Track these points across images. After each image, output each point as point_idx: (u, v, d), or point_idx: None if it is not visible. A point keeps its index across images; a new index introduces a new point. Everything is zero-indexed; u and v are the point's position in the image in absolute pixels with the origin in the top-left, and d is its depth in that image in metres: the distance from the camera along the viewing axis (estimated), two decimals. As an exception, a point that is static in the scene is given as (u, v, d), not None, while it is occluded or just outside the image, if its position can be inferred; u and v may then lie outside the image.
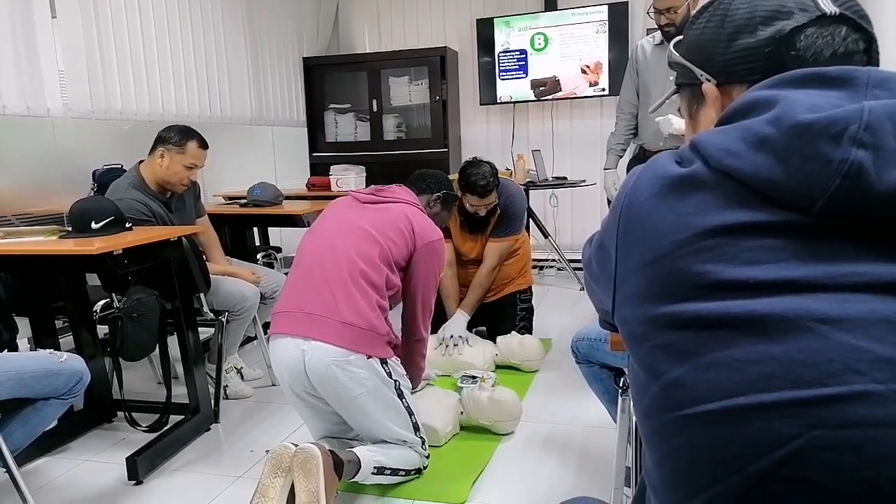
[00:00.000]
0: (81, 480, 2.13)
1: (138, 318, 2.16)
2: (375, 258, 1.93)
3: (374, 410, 1.90)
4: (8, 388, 1.64)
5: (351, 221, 2.02)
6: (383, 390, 1.90)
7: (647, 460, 0.68)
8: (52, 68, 3.00)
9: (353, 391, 1.84)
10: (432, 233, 2.08)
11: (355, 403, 1.88)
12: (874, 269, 0.58)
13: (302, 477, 1.63)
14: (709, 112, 0.77)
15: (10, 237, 2.22)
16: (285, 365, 1.89)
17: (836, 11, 0.69)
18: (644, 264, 0.66)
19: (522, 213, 3.20)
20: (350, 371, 1.82)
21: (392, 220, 2.02)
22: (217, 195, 3.99)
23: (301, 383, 1.89)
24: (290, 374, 1.89)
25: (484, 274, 3.09)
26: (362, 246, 1.94)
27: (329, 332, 1.83)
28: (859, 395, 0.54)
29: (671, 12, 2.85)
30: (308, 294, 1.90)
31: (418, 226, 2.04)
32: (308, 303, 1.88)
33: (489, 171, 2.88)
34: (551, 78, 5.07)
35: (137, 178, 2.62)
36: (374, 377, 1.86)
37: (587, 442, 2.25)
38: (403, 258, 2.01)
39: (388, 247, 1.96)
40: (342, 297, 1.86)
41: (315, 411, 1.98)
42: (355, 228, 1.98)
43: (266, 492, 1.63)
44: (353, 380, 1.83)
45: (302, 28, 5.22)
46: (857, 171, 0.57)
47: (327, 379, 1.83)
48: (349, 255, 1.91)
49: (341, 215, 2.07)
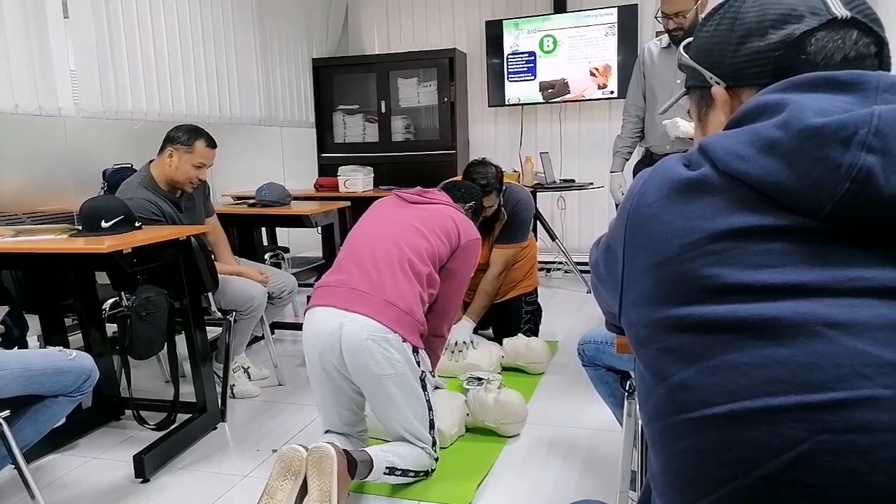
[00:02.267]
0: (89, 477, 2.14)
1: (147, 316, 2.18)
2: (423, 253, 2.00)
3: (399, 395, 1.90)
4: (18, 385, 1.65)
5: (401, 217, 2.10)
6: (410, 377, 1.91)
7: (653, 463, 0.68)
8: (63, 68, 3.03)
9: (384, 369, 1.85)
10: (473, 231, 2.18)
11: (383, 384, 1.87)
12: (882, 274, 0.58)
13: (316, 476, 1.63)
14: (718, 115, 0.77)
15: (22, 235, 2.24)
16: (320, 334, 1.88)
17: (847, 15, 0.68)
18: (651, 267, 0.66)
19: (529, 220, 3.18)
20: (385, 349, 1.84)
21: (439, 219, 2.11)
22: (226, 195, 4.01)
23: (332, 356, 1.88)
24: (323, 344, 1.87)
25: (489, 280, 3.08)
26: (412, 239, 2.01)
27: (371, 307, 1.86)
28: (866, 399, 0.54)
29: (680, 17, 2.85)
30: (354, 272, 1.95)
31: (462, 225, 2.14)
32: (353, 280, 1.93)
33: (492, 173, 2.88)
34: (560, 80, 5.07)
35: (147, 178, 2.64)
36: (405, 362, 1.88)
37: (593, 445, 2.24)
38: (446, 255, 2.08)
39: (436, 244, 2.04)
40: (389, 278, 1.91)
41: (335, 392, 1.97)
42: (405, 224, 2.06)
43: (274, 493, 1.63)
44: (387, 358, 1.84)
45: (311, 29, 5.24)
46: (866, 175, 0.57)
47: (361, 353, 1.83)
48: (399, 245, 1.98)
49: (390, 211, 2.15)
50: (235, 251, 3.17)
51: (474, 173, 2.83)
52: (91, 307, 2.49)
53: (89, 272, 2.49)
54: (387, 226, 2.06)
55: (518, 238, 3.12)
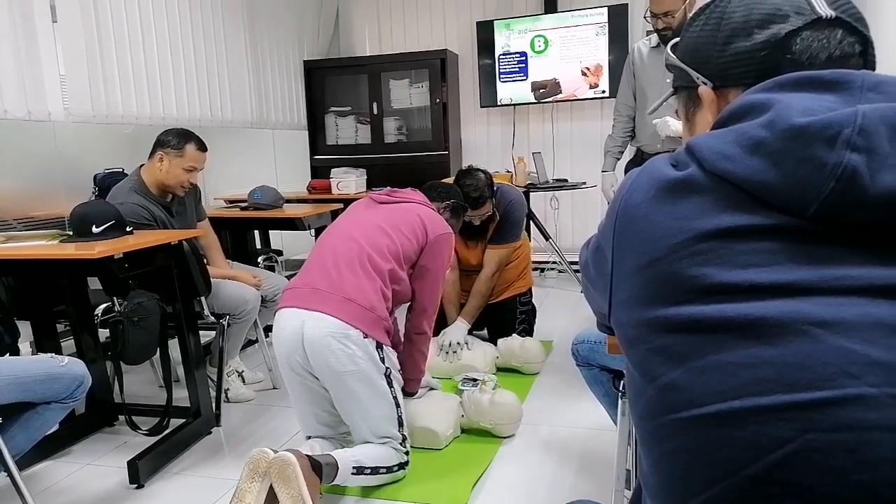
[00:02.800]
0: (83, 484, 2.13)
1: (139, 321, 2.17)
2: (384, 249, 2.03)
3: (362, 392, 1.91)
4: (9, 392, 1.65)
5: (366, 218, 2.13)
6: (373, 373, 1.92)
7: (643, 463, 0.68)
8: (53, 72, 3.01)
9: (345, 366, 1.87)
10: (442, 227, 2.18)
11: (345, 381, 1.89)
12: (868, 273, 0.58)
13: (282, 484, 1.64)
14: (705, 115, 0.77)
15: (12, 241, 2.22)
16: (285, 334, 1.92)
17: (831, 15, 0.69)
18: (639, 267, 0.66)
19: (522, 220, 3.18)
20: (346, 345, 1.86)
21: (403, 216, 2.13)
22: (218, 198, 4.00)
23: (297, 356, 1.91)
24: (287, 345, 1.92)
25: (483, 281, 3.09)
26: (373, 237, 2.04)
27: (331, 305, 1.90)
28: (853, 398, 0.54)
29: (668, 16, 2.86)
30: (316, 273, 1.99)
31: (429, 221, 2.16)
32: (315, 280, 1.97)
33: (483, 182, 2.87)
34: (551, 80, 5.08)
35: (138, 182, 2.63)
36: (367, 358, 1.90)
37: (588, 444, 2.25)
38: (414, 252, 2.10)
39: (399, 241, 2.06)
40: (348, 276, 1.95)
41: (309, 393, 1.99)
42: (369, 223, 2.10)
43: (243, 496, 1.65)
44: (348, 355, 1.87)
45: (302, 31, 5.23)
46: (851, 174, 0.57)
47: (322, 350, 1.86)
48: (359, 242, 2.02)
49: (358, 213, 2.19)
50: (228, 255, 3.16)
51: (465, 186, 2.81)
52: (83, 313, 2.48)
53: (81, 278, 2.47)
54: (352, 227, 2.11)
55: (511, 238, 3.12)
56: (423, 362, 2.29)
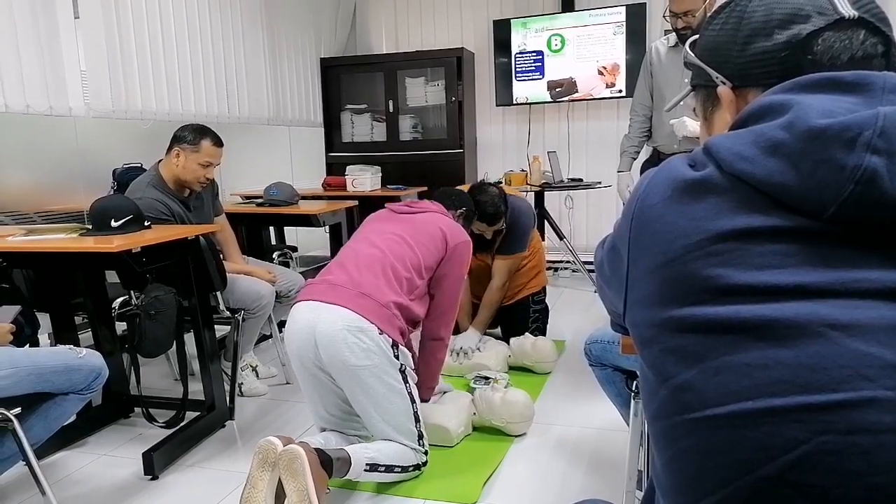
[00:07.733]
0: (99, 474, 2.16)
1: (156, 315, 2.19)
2: (406, 261, 2.06)
3: (376, 388, 1.91)
4: (28, 383, 1.67)
5: (388, 229, 2.17)
6: (388, 369, 1.92)
7: (656, 462, 0.68)
8: (74, 68, 3.05)
9: (360, 360, 1.86)
10: (461, 235, 2.22)
11: (359, 376, 1.89)
12: (885, 276, 0.57)
13: (289, 477, 1.66)
14: (723, 115, 0.76)
15: (32, 235, 2.26)
16: (297, 327, 1.93)
17: (854, 15, 0.67)
18: (655, 267, 0.66)
19: (529, 230, 3.15)
20: (360, 339, 1.86)
21: (424, 226, 2.17)
22: (234, 194, 4.03)
23: (309, 350, 1.91)
24: (299, 339, 1.92)
25: (494, 291, 3.09)
26: (395, 248, 2.07)
27: (347, 299, 1.91)
28: (868, 401, 0.54)
29: (688, 15, 2.83)
30: (336, 272, 2.02)
31: (449, 231, 2.19)
32: (334, 277, 1.99)
33: (498, 198, 2.88)
34: (568, 79, 5.06)
35: (156, 178, 2.66)
36: (382, 353, 1.90)
37: (599, 444, 2.24)
38: (436, 262, 2.13)
39: (420, 253, 2.09)
40: (368, 276, 1.97)
41: (320, 389, 2.00)
42: (391, 234, 2.13)
43: (256, 483, 1.68)
44: (362, 348, 1.86)
45: (319, 29, 5.25)
46: (871, 177, 0.57)
47: (337, 343, 1.86)
48: (383, 251, 2.06)
49: (380, 224, 2.23)
50: (244, 250, 3.19)
51: (481, 204, 2.81)
52: (101, 306, 2.51)
53: (99, 271, 2.50)
54: (374, 236, 2.13)
55: (518, 248, 3.11)
56: (438, 370, 2.29)
